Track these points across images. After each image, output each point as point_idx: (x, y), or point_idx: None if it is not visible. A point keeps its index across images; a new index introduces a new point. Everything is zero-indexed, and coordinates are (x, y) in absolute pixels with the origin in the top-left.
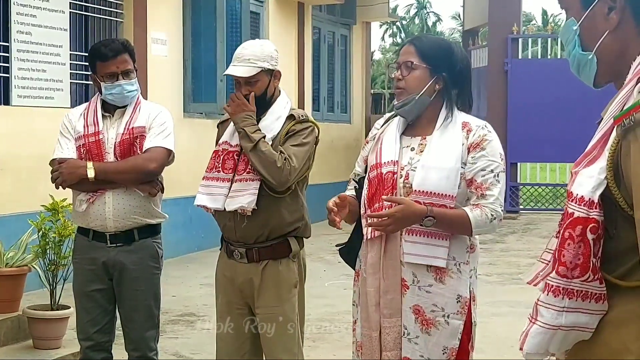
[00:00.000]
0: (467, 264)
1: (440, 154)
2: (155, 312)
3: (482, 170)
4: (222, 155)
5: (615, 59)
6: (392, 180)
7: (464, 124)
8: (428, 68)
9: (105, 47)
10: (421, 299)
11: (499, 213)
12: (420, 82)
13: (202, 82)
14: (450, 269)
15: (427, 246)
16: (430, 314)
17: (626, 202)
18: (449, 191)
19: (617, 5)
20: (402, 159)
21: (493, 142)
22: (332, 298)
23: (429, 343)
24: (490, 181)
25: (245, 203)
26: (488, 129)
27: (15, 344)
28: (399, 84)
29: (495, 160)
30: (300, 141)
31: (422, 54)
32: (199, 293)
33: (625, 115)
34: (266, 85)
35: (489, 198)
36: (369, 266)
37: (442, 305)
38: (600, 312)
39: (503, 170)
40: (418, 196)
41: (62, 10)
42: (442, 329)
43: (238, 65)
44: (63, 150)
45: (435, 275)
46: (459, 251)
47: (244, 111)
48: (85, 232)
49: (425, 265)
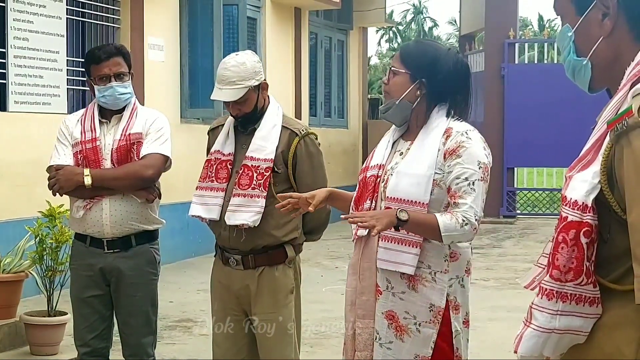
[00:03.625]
0: (446, 272)
1: (414, 160)
2: (152, 318)
3: (457, 178)
4: (215, 165)
5: (609, 65)
6: (373, 184)
7: (447, 130)
8: (408, 73)
9: (99, 50)
10: (395, 305)
11: (471, 220)
12: (401, 87)
13: (199, 87)
14: (425, 277)
15: (397, 252)
16: (403, 321)
17: (620, 207)
18: (419, 198)
19: (611, 11)
20: (388, 163)
21: (470, 148)
22: (329, 303)
23: (402, 349)
24: (463, 189)
25: (250, 221)
26: (468, 136)
27: (12, 350)
28: (384, 88)
29: (471, 168)
30: (317, 164)
31: (403, 60)
32: (196, 299)
33: (619, 120)
34: (255, 100)
35: (461, 206)
36: (350, 266)
37: (414, 313)
38: (594, 315)
39: (481, 179)
40: (390, 202)
41: (58, 16)
42: (413, 336)
43: (224, 89)
44: (60, 156)
45: (409, 282)
46: (435, 259)
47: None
48: (83, 238)
49: (399, 272)
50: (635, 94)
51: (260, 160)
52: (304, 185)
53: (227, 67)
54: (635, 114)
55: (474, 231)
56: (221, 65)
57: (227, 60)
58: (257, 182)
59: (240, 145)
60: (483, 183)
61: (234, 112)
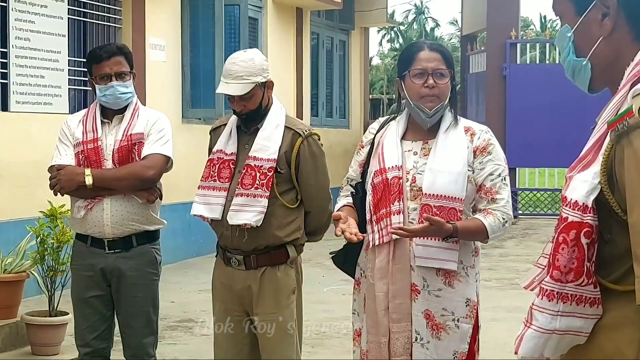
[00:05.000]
0: (473, 267)
1: (447, 157)
2: (153, 318)
3: (491, 174)
4: (218, 164)
5: (609, 65)
6: (398, 185)
7: (467, 128)
8: (450, 75)
9: (100, 50)
10: (431, 304)
11: (509, 216)
12: (448, 90)
13: (200, 87)
14: (459, 272)
15: (439, 249)
16: (440, 318)
17: (620, 207)
18: (457, 194)
19: (611, 11)
20: (406, 163)
21: (497, 146)
22: (331, 303)
23: (439, 348)
24: (499, 185)
25: (252, 220)
26: (490, 134)
27: (14, 351)
28: (433, 91)
29: (501, 164)
30: (321, 164)
31: (447, 62)
32: (197, 299)
33: (619, 121)
34: (260, 98)
35: (499, 202)
36: (377, 271)
37: (451, 310)
38: (594, 316)
39: (507, 174)
40: (428, 199)
41: (60, 16)
42: (452, 333)
43: (231, 83)
44: (61, 156)
45: (445, 279)
46: (466, 255)
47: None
48: (84, 239)
49: (435, 269)
50: (635, 94)
51: (263, 160)
52: (306, 185)
53: (236, 62)
54: (636, 114)
55: (510, 225)
56: (229, 60)
57: (235, 56)
58: (260, 182)
59: (242, 145)
60: (509, 178)
61: (239, 108)
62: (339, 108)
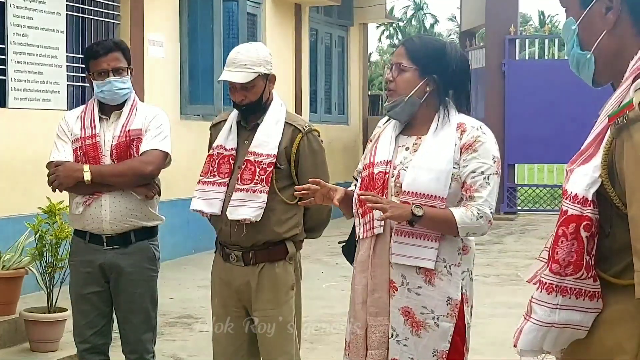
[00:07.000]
0: (459, 265)
1: (432, 155)
2: (152, 314)
3: (473, 172)
4: (217, 160)
5: (613, 58)
6: (382, 180)
7: (459, 125)
8: (417, 70)
9: (97, 45)
10: (411, 301)
11: (486, 213)
12: (409, 84)
13: (199, 83)
14: (440, 270)
15: (415, 247)
16: (420, 316)
17: (621, 201)
18: (438, 193)
19: (615, 5)
20: (395, 159)
21: (486, 143)
22: (330, 300)
23: (419, 345)
24: (479, 183)
25: (252, 215)
26: (482, 130)
27: (12, 347)
28: (390, 85)
29: (487, 162)
30: (320, 160)
31: (411, 56)
32: (196, 295)
33: (620, 114)
34: (262, 90)
35: (476, 200)
36: (358, 264)
37: (431, 308)
38: (594, 310)
39: (495, 173)
40: (407, 197)
41: (58, 12)
42: (431, 331)
43: (234, 71)
44: (60, 152)
45: (425, 277)
46: (450, 253)
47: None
48: (82, 235)
49: (415, 266)
50: (637, 88)
51: (263, 155)
52: (306, 181)
53: (240, 51)
54: (636, 107)
55: (489, 224)
56: (234, 50)
57: (240, 46)
58: (259, 177)
59: (242, 140)
60: (497, 177)
61: (239, 98)
62: (337, 104)
